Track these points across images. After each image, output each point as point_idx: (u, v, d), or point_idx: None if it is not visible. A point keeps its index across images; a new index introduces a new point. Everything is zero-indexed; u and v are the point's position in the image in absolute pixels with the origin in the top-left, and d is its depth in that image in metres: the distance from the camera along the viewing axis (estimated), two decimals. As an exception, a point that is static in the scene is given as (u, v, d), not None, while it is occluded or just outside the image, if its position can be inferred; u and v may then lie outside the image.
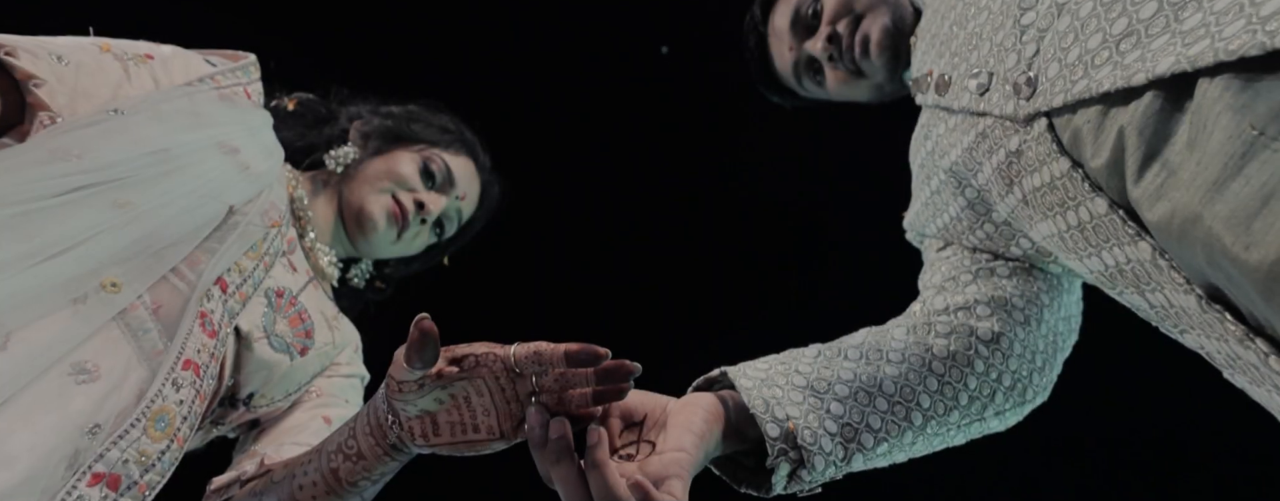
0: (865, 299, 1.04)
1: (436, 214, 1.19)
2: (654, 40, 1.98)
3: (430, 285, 1.37)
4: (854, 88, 1.17)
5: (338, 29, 1.81)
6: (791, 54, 1.19)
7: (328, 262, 1.11)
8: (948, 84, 0.85)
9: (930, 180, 0.97)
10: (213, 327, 0.75)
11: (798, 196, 2.04)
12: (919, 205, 1.03)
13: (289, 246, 0.97)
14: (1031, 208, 0.73)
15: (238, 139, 0.88)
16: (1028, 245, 0.87)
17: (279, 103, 1.18)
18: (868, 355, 0.78)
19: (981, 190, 0.85)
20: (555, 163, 1.92)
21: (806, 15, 1.15)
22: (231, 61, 1.02)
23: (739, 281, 2.09)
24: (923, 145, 0.98)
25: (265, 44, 1.10)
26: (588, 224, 2.00)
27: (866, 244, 1.57)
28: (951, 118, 0.86)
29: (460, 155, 1.26)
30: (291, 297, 0.91)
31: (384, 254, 1.22)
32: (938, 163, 0.92)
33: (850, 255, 1.96)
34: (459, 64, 1.91)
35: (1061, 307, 0.88)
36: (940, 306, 0.87)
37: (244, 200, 0.85)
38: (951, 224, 0.95)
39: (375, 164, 1.18)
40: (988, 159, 0.78)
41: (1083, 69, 0.63)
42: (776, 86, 1.27)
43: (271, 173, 0.92)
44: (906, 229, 1.11)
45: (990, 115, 0.76)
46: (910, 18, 1.10)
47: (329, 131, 1.19)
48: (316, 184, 1.16)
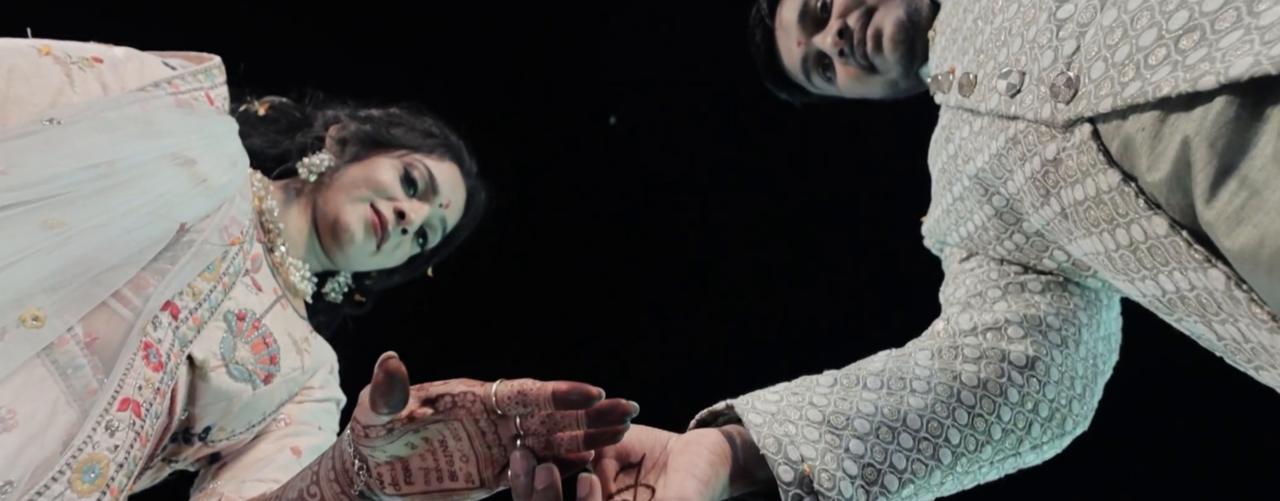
0: (878, 315, 0.96)
1: (418, 223, 1.12)
2: (653, 42, 1.89)
3: (413, 298, 1.30)
4: (866, 84, 1.10)
5: (315, 29, 1.71)
6: (800, 49, 1.12)
7: (300, 278, 1.03)
8: (973, 83, 0.78)
9: (952, 186, 0.90)
10: (159, 359, 0.67)
11: (800, 206, 1.95)
12: (939, 212, 0.96)
13: (253, 264, 0.89)
14: (1072, 222, 0.65)
15: (195, 149, 0.80)
16: (1063, 258, 0.79)
17: (248, 107, 1.11)
18: (889, 384, 0.71)
19: (1011, 199, 0.77)
20: (547, 167, 1.84)
21: (815, 8, 1.08)
22: (194, 64, 0.94)
23: (743, 297, 1.99)
24: (944, 148, 0.90)
25: (236, 45, 1.03)
26: (582, 233, 1.90)
27: (880, 252, 1.49)
28: (977, 120, 0.79)
29: (444, 160, 1.19)
30: (254, 320, 0.83)
31: (362, 266, 1.15)
32: (961, 168, 0.85)
33: (861, 265, 1.87)
34: (443, 64, 1.82)
35: (1100, 326, 0.81)
36: (967, 326, 0.79)
37: (199, 216, 0.77)
38: (976, 233, 0.88)
39: (352, 171, 1.10)
40: (1020, 167, 0.71)
41: (1134, 69, 0.55)
42: (784, 83, 1.20)
43: (232, 185, 0.84)
44: (925, 236, 1.04)
45: (1023, 119, 0.68)
46: (926, 10, 1.03)
47: (303, 137, 1.12)
48: (289, 193, 1.08)
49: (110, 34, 0.90)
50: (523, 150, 1.73)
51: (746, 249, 2.01)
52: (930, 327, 0.85)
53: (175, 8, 1.49)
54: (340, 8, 1.74)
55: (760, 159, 1.93)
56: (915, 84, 1.09)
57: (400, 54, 1.77)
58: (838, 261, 1.93)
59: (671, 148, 1.99)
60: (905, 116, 1.19)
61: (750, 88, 1.26)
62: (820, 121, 1.37)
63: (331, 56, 1.66)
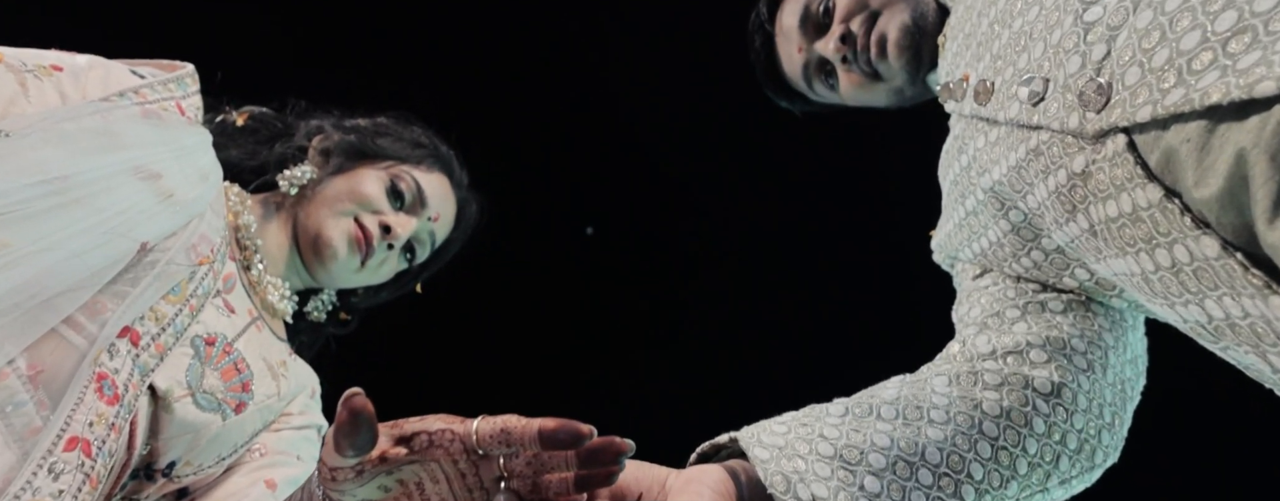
0: (887, 334, 0.91)
1: (405, 238, 1.07)
2: (651, 50, 1.83)
3: (400, 315, 1.24)
4: (870, 92, 1.06)
5: (298, 36, 1.66)
6: (801, 55, 1.08)
7: (279, 297, 0.98)
8: (990, 91, 0.73)
9: (965, 199, 0.85)
10: (114, 391, 0.62)
11: (804, 221, 1.88)
12: (951, 226, 0.91)
13: (226, 284, 0.84)
14: (1102, 240, 0.60)
15: (160, 162, 0.75)
16: (1086, 277, 0.74)
17: (226, 118, 1.06)
18: (905, 413, 0.66)
19: (1031, 214, 0.72)
20: (542, 178, 1.78)
21: (817, 13, 1.04)
22: (166, 72, 0.89)
23: (745, 318, 1.90)
24: (956, 160, 0.86)
25: (214, 52, 0.98)
26: (578, 247, 1.85)
27: (887, 268, 1.44)
28: (994, 130, 0.74)
29: (433, 172, 1.14)
30: (226, 345, 0.78)
31: (347, 284, 1.09)
32: (975, 180, 0.80)
33: (868, 282, 1.80)
34: (434, 72, 1.77)
35: (1127, 348, 0.76)
36: (985, 349, 0.74)
37: (164, 234, 0.72)
38: (991, 249, 0.84)
39: (336, 184, 1.05)
40: (1042, 180, 0.66)
41: (1175, 75, 0.51)
42: (785, 90, 1.16)
43: (202, 200, 0.79)
44: (934, 251, 1.00)
45: (1046, 129, 0.64)
46: (933, 15, 0.99)
47: (283, 148, 1.07)
48: (268, 208, 1.03)
49: (83, 41, 0.86)
50: (516, 161, 1.68)
51: (749, 266, 1.94)
52: (945, 350, 0.80)
53: (150, 14, 1.44)
54: (325, 13, 1.69)
55: (762, 170, 1.88)
56: (922, 91, 1.05)
57: (388, 61, 1.72)
58: (843, 279, 1.86)
59: (670, 160, 1.94)
60: (912, 125, 1.14)
61: (750, 96, 1.22)
62: (823, 131, 1.33)
63: (316, 64, 1.61)
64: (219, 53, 1.00)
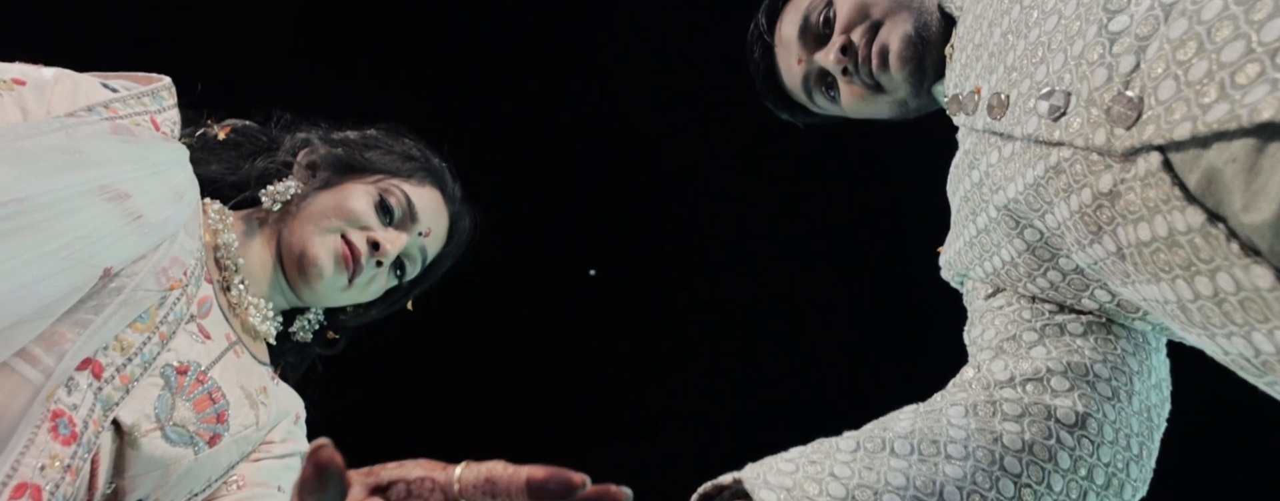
0: (895, 358, 0.87)
1: (394, 254, 1.03)
2: (650, 60, 1.79)
3: (390, 333, 1.20)
4: (872, 104, 1.03)
5: (284, 47, 1.61)
6: (801, 67, 1.05)
7: (261, 319, 0.94)
8: (1005, 105, 0.69)
9: (977, 216, 0.81)
10: (71, 430, 0.58)
11: (807, 236, 1.81)
12: (961, 244, 0.87)
13: (200, 309, 0.80)
14: (1131, 264, 0.56)
15: (130, 181, 0.71)
16: (1107, 298, 0.70)
17: (206, 132, 1.02)
18: (921, 448, 0.62)
19: (1049, 234, 0.69)
20: (540, 192, 1.73)
21: (817, 23, 1.00)
22: (141, 85, 0.85)
23: (746, 341, 1.83)
24: (967, 175, 0.82)
25: (196, 64, 0.94)
26: (575, 263, 1.80)
27: (894, 286, 1.39)
28: (1008, 145, 0.71)
29: (424, 185, 1.10)
30: (199, 373, 0.74)
31: (334, 302, 1.05)
32: (988, 197, 0.76)
33: (875, 302, 1.72)
34: (426, 82, 1.72)
35: (1151, 373, 0.72)
36: (1003, 376, 0.70)
37: (130, 258, 0.68)
38: (1004, 269, 0.80)
39: (322, 199, 1.01)
40: (1063, 199, 0.62)
41: (1216, 89, 0.47)
42: (785, 102, 1.12)
43: (174, 220, 0.75)
44: (943, 268, 0.96)
45: (1069, 145, 0.60)
46: (937, 24, 0.95)
47: (267, 163, 1.03)
48: (250, 225, 0.99)
49: (55, 54, 0.82)
50: (513, 173, 1.63)
51: (749, 288, 1.87)
52: (959, 376, 0.76)
53: (128, 25, 1.40)
54: (313, 23, 1.64)
55: (763, 186, 1.83)
56: (927, 102, 1.02)
57: (379, 72, 1.67)
58: (848, 299, 1.78)
59: (670, 166, 1.89)
60: (919, 137, 1.11)
61: (751, 108, 1.18)
62: (826, 143, 1.29)
63: (303, 75, 1.56)
64: (201, 63, 0.97)
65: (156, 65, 0.91)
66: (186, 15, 1.44)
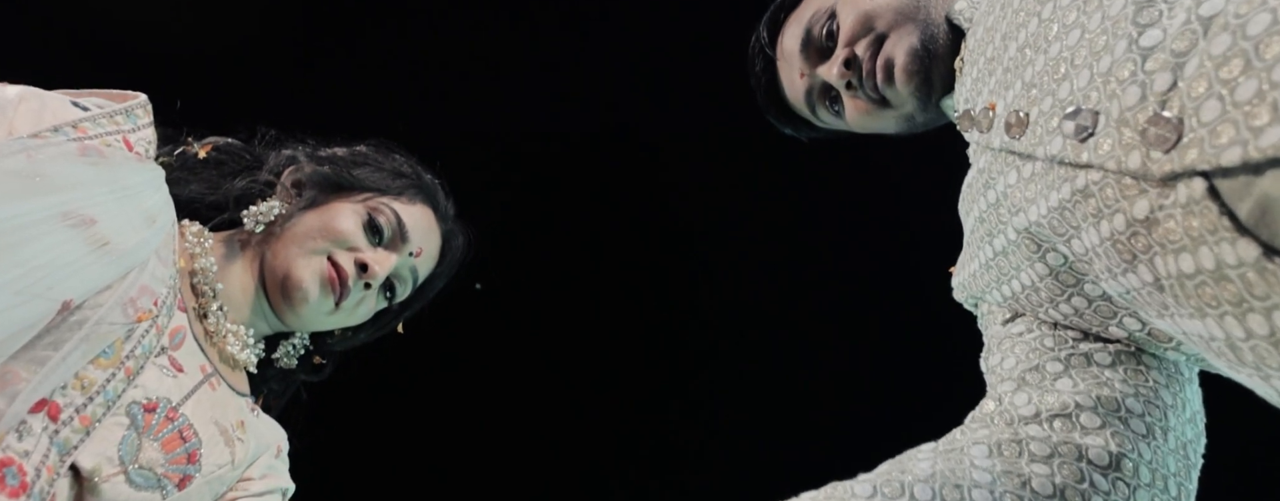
0: (908, 386, 0.83)
1: (383, 276, 0.99)
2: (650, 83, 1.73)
3: (380, 358, 1.16)
4: (878, 118, 0.99)
5: (267, 61, 1.57)
6: (804, 81, 1.01)
7: (241, 347, 0.90)
8: (1024, 123, 0.65)
9: (993, 238, 0.77)
10: (20, 480, 0.53)
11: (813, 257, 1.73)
12: (977, 266, 0.83)
13: (173, 340, 0.76)
14: (1171, 296, 0.52)
15: (96, 206, 0.67)
16: (1137, 327, 0.66)
17: (186, 150, 0.98)
18: (943, 494, 0.57)
19: (1074, 259, 0.64)
20: (536, 209, 1.68)
21: (820, 36, 0.97)
22: (115, 103, 0.81)
23: (751, 369, 1.74)
24: (982, 195, 0.78)
25: (174, 80, 0.91)
26: (572, 285, 1.73)
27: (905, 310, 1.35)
28: (1028, 165, 0.67)
29: (415, 203, 1.06)
30: (169, 410, 0.69)
31: (320, 327, 1.01)
32: (1006, 219, 0.72)
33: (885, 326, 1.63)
34: (417, 96, 1.67)
35: (1186, 406, 0.68)
36: (1027, 410, 0.66)
37: (94, 288, 0.64)
38: (1024, 293, 0.76)
39: (308, 219, 0.97)
40: (1093, 224, 0.58)
41: (1269, 111, 0.43)
42: (788, 117, 1.08)
43: (145, 246, 0.71)
44: (955, 290, 0.92)
45: (1099, 168, 0.56)
46: (944, 37, 0.92)
47: (249, 182, 0.99)
48: (231, 247, 0.95)
49: (27, 71, 0.78)
50: (510, 190, 1.58)
51: (755, 310, 1.79)
52: (979, 409, 0.71)
53: (105, 39, 1.36)
54: (298, 36, 1.58)
55: (765, 197, 1.78)
56: (935, 117, 0.99)
57: (368, 86, 1.62)
58: (856, 323, 1.69)
59: (670, 176, 1.84)
60: (925, 150, 1.07)
61: (754, 125, 1.15)
62: (831, 158, 1.25)
63: (289, 89, 1.51)
64: (182, 79, 0.93)
65: (135, 81, 0.88)
66: (167, 29, 1.40)
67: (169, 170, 0.97)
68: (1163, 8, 0.53)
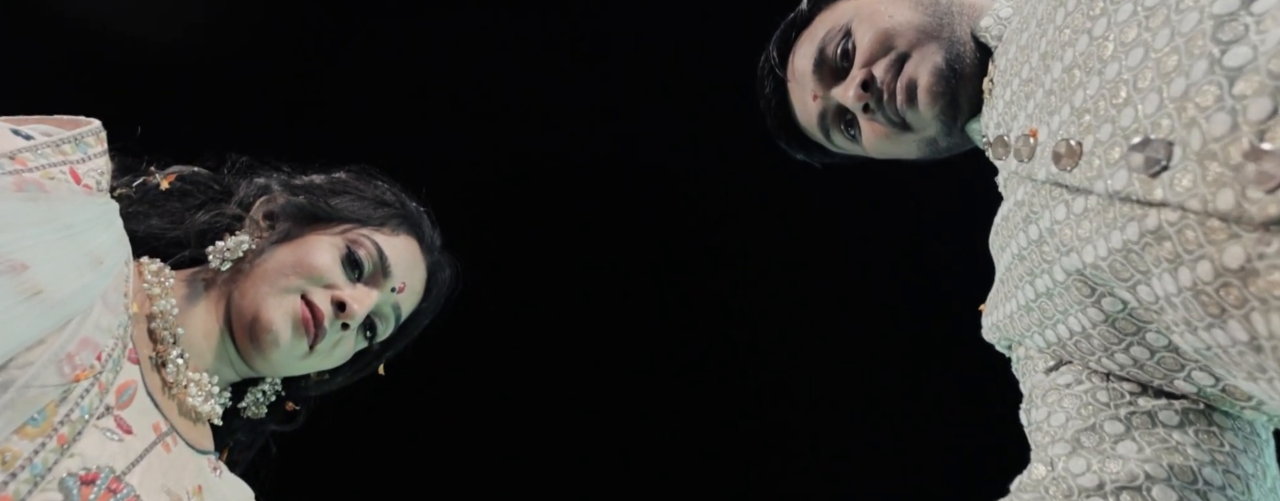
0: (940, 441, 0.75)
1: (363, 315, 0.91)
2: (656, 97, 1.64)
3: (360, 402, 1.07)
4: (897, 143, 0.93)
5: (240, 80, 1.47)
6: (817, 103, 0.96)
7: (203, 398, 0.82)
8: (1076, 154, 0.58)
9: (1035, 279, 0.70)
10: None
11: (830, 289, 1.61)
12: (1014, 308, 0.76)
13: (119, 398, 0.67)
14: (1276, 360, 0.45)
15: (29, 249, 0.59)
16: (1209, 382, 0.59)
17: (146, 180, 0.90)
18: None
19: (1140, 307, 0.57)
20: (531, 237, 1.58)
21: (834, 56, 0.91)
22: (64, 130, 0.74)
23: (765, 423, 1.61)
24: (1021, 231, 0.71)
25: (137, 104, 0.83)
26: (571, 320, 1.62)
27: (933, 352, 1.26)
28: (1081, 200, 0.60)
29: (399, 234, 0.99)
30: (112, 481, 0.61)
31: (293, 371, 0.93)
32: (1053, 258, 0.65)
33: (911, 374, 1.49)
34: (403, 118, 1.58)
35: (1266, 474, 0.60)
36: (1088, 481, 0.58)
37: (21, 344, 0.56)
38: (1072, 340, 0.68)
39: (280, 254, 0.89)
40: (1169, 271, 0.51)
41: None
42: (800, 141, 1.03)
43: (88, 292, 0.63)
44: (986, 331, 0.85)
45: (1175, 207, 0.49)
46: (971, 56, 0.86)
47: (215, 215, 0.91)
48: (195, 287, 0.87)
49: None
50: (501, 216, 1.49)
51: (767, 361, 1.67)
52: (1028, 475, 0.63)
53: (57, 62, 1.28)
54: (271, 54, 1.46)
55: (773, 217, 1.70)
56: (960, 141, 0.93)
57: (348, 108, 1.53)
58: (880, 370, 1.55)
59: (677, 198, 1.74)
60: (948, 174, 1.00)
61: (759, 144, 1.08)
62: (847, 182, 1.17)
63: (262, 112, 1.42)
64: (143, 102, 0.86)
65: (89, 107, 0.80)
66: (126, 49, 1.30)
67: (127, 203, 0.90)
68: (1249, 21, 0.46)
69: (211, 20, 1.35)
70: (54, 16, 1.18)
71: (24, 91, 0.82)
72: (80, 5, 1.20)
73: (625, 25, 1.62)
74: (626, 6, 1.58)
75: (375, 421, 1.09)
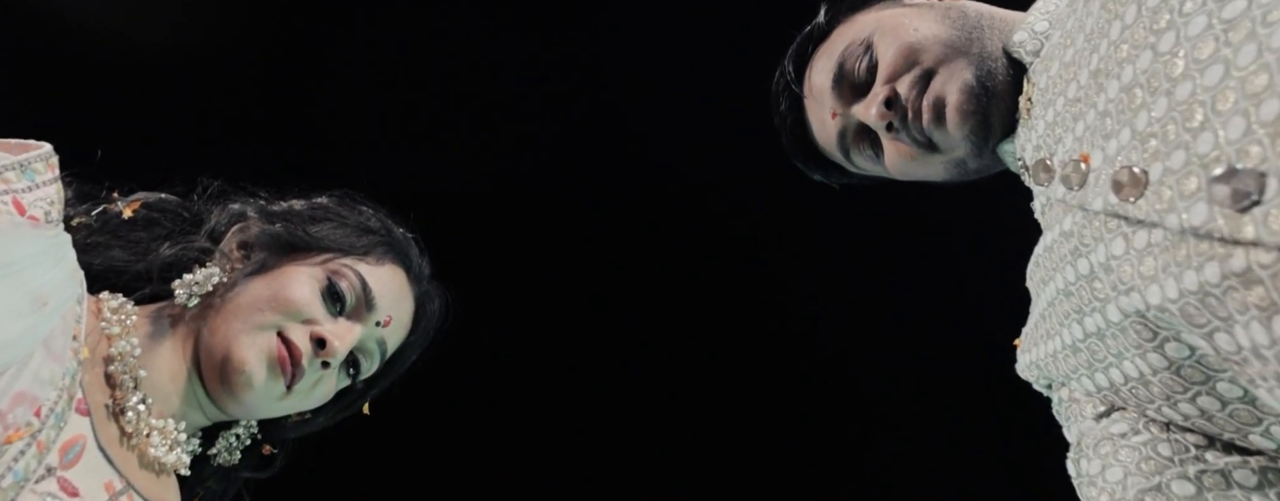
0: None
1: (345, 352, 0.84)
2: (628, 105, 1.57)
3: (342, 445, 0.99)
4: (923, 165, 0.88)
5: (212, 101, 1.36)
6: (836, 121, 0.90)
7: (167, 448, 0.75)
8: (1141, 183, 0.52)
9: (1084, 317, 0.64)
10: None
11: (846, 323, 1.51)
12: (1058, 347, 0.70)
13: (64, 457, 0.60)
14: None
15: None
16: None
17: (107, 208, 0.83)
18: None
19: (1214, 357, 0.51)
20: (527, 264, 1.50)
21: (855, 71, 0.86)
22: (11, 155, 0.67)
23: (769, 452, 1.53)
24: (1069, 264, 0.64)
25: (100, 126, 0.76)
26: (565, 350, 1.54)
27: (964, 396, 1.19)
28: (1144, 234, 0.54)
29: (384, 264, 0.93)
30: (48, 558, 0.53)
31: (269, 414, 0.86)
32: (1108, 296, 0.59)
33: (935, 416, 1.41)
34: (389, 140, 1.50)
35: None
36: None
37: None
38: (1127, 386, 0.62)
39: (254, 288, 0.83)
40: (1261, 321, 0.45)
41: None
42: (817, 161, 0.97)
43: (24, 339, 0.57)
44: (1022, 368, 0.78)
45: (1268, 246, 0.43)
46: (1003, 72, 0.80)
47: (182, 247, 0.84)
48: (159, 324, 0.80)
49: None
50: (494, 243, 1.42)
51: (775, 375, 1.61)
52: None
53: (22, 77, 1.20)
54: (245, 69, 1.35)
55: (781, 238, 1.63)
56: (990, 163, 0.87)
57: (330, 130, 1.45)
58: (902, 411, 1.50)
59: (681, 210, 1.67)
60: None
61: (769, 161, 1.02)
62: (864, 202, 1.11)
63: (236, 134, 1.33)
64: (104, 124, 0.79)
65: (42, 130, 0.73)
66: (89, 63, 1.21)
67: (85, 233, 0.83)
68: None
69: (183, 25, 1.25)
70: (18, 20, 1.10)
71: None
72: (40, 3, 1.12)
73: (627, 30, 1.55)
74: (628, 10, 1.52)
75: (365, 463, 1.01)
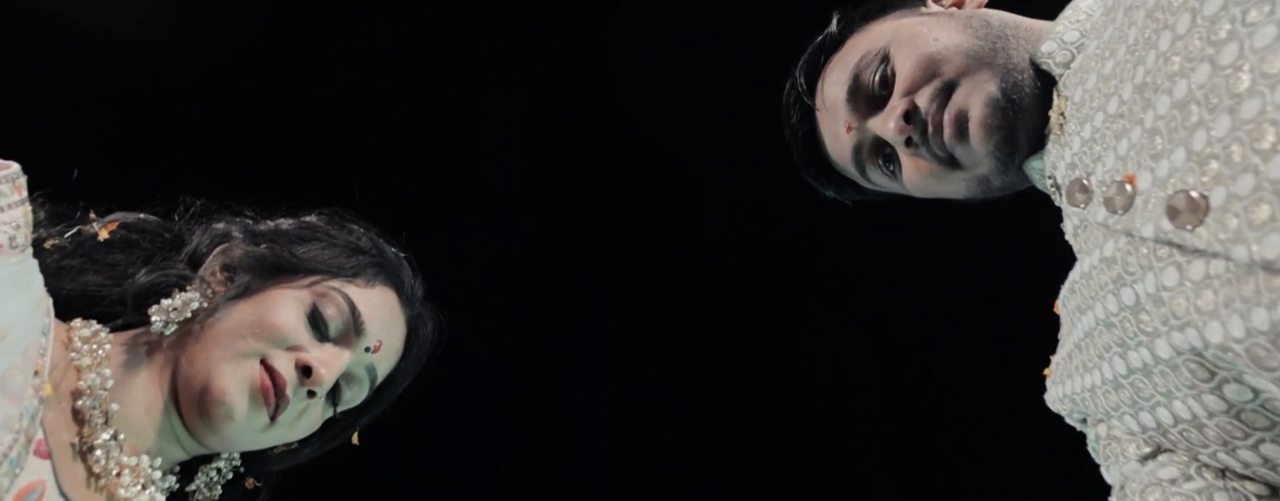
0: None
1: (332, 380, 0.80)
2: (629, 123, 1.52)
3: (330, 477, 0.95)
4: (943, 181, 0.84)
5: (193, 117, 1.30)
6: (851, 135, 0.86)
7: (140, 487, 0.71)
8: (1200, 210, 0.48)
9: (1128, 352, 0.59)
10: None
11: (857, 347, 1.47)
12: (1097, 381, 0.65)
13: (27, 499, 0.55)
14: None
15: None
16: None
17: (82, 230, 0.79)
18: None
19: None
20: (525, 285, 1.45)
21: (871, 84, 0.82)
22: (-26, 176, 0.63)
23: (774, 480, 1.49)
24: (1110, 293, 0.60)
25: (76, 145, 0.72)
26: (565, 373, 1.49)
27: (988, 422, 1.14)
28: (1201, 264, 0.49)
29: (375, 286, 0.89)
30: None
31: (253, 445, 0.82)
32: (1157, 330, 0.55)
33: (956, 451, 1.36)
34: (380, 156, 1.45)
35: None
36: None
37: None
38: (1177, 428, 0.58)
39: (236, 313, 0.79)
40: None
41: None
42: (830, 176, 0.93)
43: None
44: (1053, 400, 0.74)
45: None
46: (1030, 85, 0.76)
47: (161, 271, 0.80)
48: (135, 353, 0.76)
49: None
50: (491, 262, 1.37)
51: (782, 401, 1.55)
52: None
53: None
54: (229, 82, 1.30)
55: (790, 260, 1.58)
56: (1016, 180, 0.83)
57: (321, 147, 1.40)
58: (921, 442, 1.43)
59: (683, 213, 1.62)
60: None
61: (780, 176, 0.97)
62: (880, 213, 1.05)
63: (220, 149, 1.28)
64: (79, 142, 0.75)
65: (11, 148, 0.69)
66: (65, 76, 1.15)
67: (58, 257, 0.79)
68: None
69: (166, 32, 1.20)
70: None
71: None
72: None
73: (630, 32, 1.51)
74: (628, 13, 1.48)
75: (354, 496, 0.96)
